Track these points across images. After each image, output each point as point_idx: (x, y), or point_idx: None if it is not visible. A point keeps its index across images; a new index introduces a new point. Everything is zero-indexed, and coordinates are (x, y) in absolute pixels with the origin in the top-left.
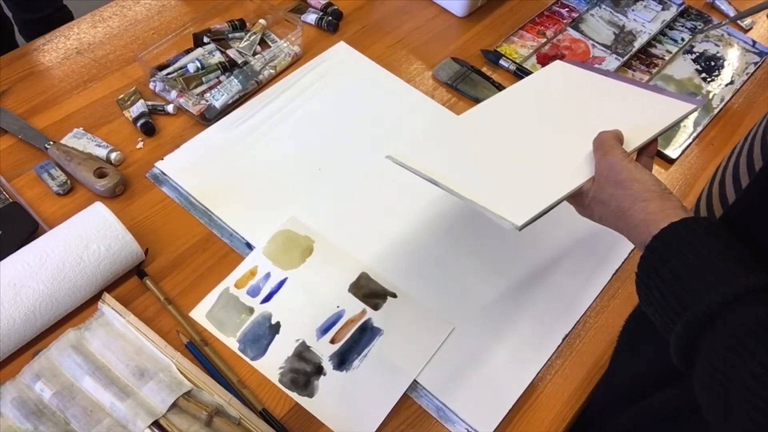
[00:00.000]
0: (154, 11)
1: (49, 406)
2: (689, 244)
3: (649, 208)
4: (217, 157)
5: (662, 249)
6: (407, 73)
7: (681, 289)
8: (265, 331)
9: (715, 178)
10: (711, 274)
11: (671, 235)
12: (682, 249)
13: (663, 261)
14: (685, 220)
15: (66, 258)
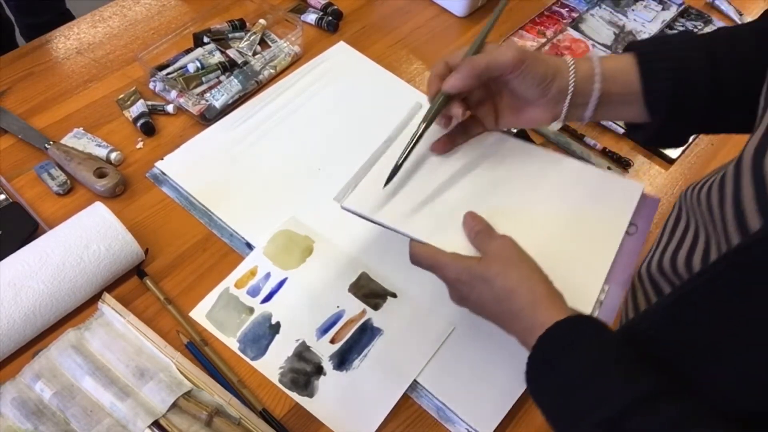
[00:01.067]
0: (154, 11)
1: (49, 406)
2: (578, 346)
3: (535, 290)
4: (217, 157)
5: (552, 351)
6: (407, 73)
7: (571, 400)
8: (265, 331)
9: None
10: (603, 382)
11: (558, 334)
12: (572, 353)
13: (551, 366)
14: (570, 320)
15: (66, 258)
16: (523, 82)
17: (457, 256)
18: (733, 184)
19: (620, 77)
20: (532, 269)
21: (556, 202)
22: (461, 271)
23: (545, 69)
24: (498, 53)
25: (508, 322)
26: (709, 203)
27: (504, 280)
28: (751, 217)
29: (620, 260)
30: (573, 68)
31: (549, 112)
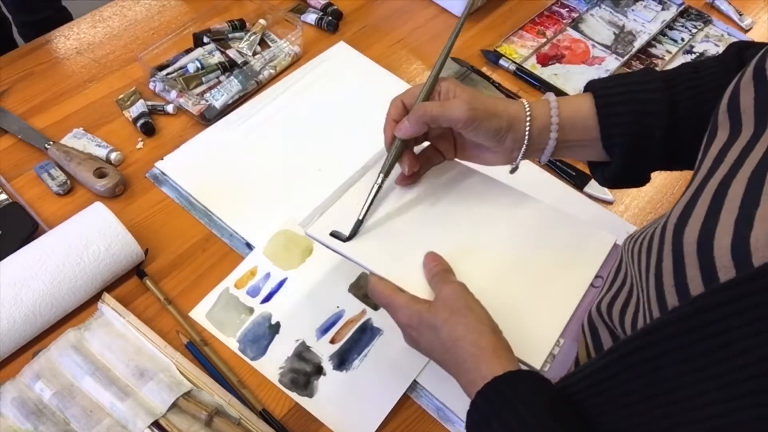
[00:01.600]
0: (154, 11)
1: (49, 406)
2: (511, 405)
3: (480, 342)
4: (217, 157)
5: (485, 409)
6: (407, 73)
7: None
8: (265, 331)
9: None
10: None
11: (498, 390)
12: (504, 412)
13: (486, 423)
14: (511, 375)
15: (66, 258)
16: (476, 136)
17: (411, 299)
18: (657, 251)
19: (578, 124)
20: (479, 320)
21: (524, 246)
22: (412, 315)
23: (498, 124)
24: (450, 108)
25: (454, 371)
26: (639, 265)
27: (450, 329)
28: (668, 291)
29: (579, 313)
30: (529, 118)
31: (505, 157)
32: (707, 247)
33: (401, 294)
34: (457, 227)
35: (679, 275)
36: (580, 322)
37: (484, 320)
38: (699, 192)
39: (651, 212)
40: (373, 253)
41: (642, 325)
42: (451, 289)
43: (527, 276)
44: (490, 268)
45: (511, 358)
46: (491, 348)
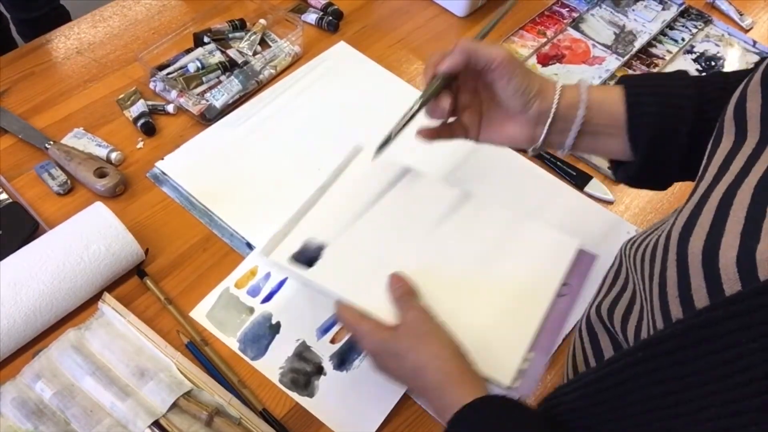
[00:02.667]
0: (155, 11)
1: (50, 406)
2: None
3: (445, 369)
4: (218, 157)
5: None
6: (407, 73)
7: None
8: (266, 331)
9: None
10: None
11: (464, 422)
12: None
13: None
14: (478, 403)
15: (66, 258)
16: (507, 87)
17: (375, 327)
18: (661, 260)
19: (606, 107)
20: (443, 345)
21: (488, 259)
22: (376, 343)
23: (530, 82)
24: (490, 46)
25: (423, 397)
26: (643, 273)
27: (415, 356)
28: (672, 302)
29: (549, 325)
30: (559, 92)
31: (528, 131)
32: (712, 259)
33: (366, 321)
34: (421, 244)
35: (684, 286)
36: (552, 334)
37: (449, 345)
38: (704, 200)
39: (651, 212)
40: (338, 277)
41: (645, 334)
42: (413, 316)
43: (492, 291)
44: (455, 285)
45: (477, 382)
46: (457, 374)
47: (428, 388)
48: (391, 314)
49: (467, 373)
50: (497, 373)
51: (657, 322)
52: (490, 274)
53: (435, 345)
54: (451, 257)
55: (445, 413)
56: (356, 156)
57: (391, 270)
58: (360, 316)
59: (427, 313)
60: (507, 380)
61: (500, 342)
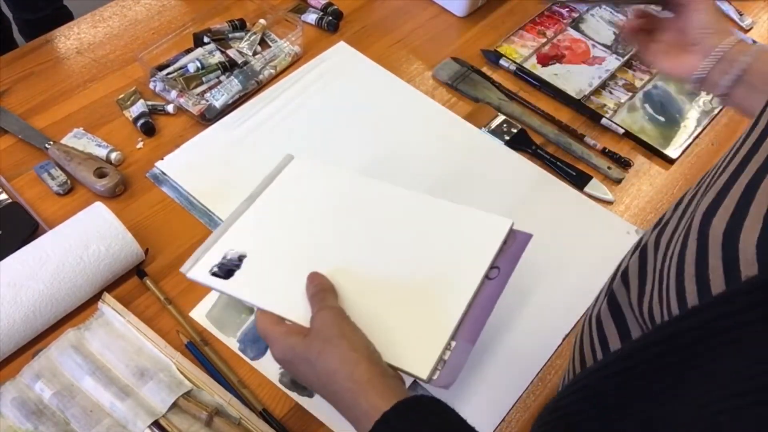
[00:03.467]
0: (154, 11)
1: (49, 406)
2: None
3: (355, 374)
4: (218, 157)
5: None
6: (407, 73)
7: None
8: None
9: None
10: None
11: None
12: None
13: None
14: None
15: (66, 258)
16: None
17: (287, 331)
18: (682, 239)
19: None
20: (353, 348)
21: (413, 248)
22: (286, 349)
23: (718, 19)
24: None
25: (335, 404)
26: (667, 252)
27: (324, 361)
28: (688, 280)
29: (475, 311)
30: (734, 38)
31: (694, 62)
32: (732, 241)
33: (279, 326)
34: (342, 240)
35: (701, 265)
36: (478, 320)
37: (359, 347)
38: (730, 184)
39: (651, 212)
40: (256, 287)
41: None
42: (323, 317)
43: (414, 281)
44: (376, 279)
45: (391, 385)
46: (366, 379)
47: (338, 397)
48: (307, 321)
49: (377, 377)
50: (414, 366)
51: (672, 305)
52: (414, 263)
53: (344, 348)
54: (373, 252)
55: (359, 424)
56: (287, 165)
57: (310, 271)
58: (275, 322)
59: (339, 314)
60: (424, 373)
61: (419, 332)
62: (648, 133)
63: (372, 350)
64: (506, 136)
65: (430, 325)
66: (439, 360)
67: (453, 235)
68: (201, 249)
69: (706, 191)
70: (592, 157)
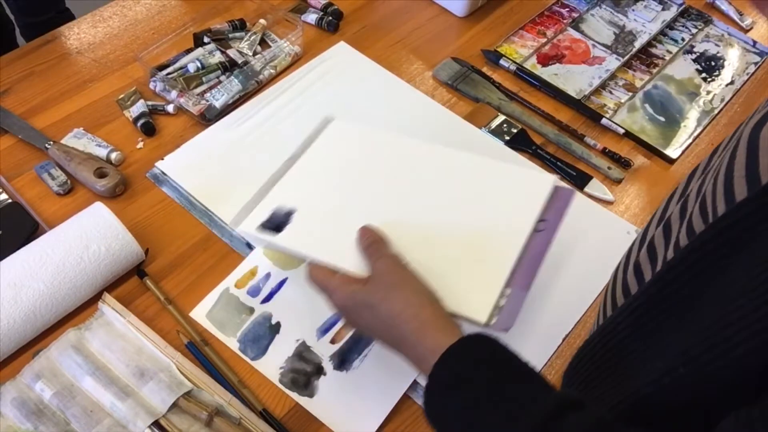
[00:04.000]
0: (154, 11)
1: (50, 406)
2: (474, 370)
3: (420, 316)
4: (218, 157)
5: (447, 379)
6: (407, 73)
7: (477, 424)
8: (266, 331)
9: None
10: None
11: (454, 361)
12: (468, 377)
13: (452, 393)
14: (462, 341)
15: (66, 258)
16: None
17: (344, 280)
18: (729, 153)
19: None
20: (416, 292)
21: (459, 203)
22: (347, 297)
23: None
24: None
25: (398, 348)
26: (707, 175)
27: (388, 305)
28: (738, 183)
29: (526, 260)
30: None
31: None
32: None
33: (335, 276)
34: (390, 196)
35: (752, 166)
36: (530, 269)
37: (422, 291)
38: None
39: (651, 212)
40: (307, 239)
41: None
42: (383, 264)
43: (465, 232)
44: (427, 231)
45: (452, 326)
46: (431, 320)
47: (402, 337)
48: (362, 270)
49: (442, 318)
50: (473, 311)
51: (719, 210)
52: (463, 217)
53: (407, 292)
54: (422, 206)
55: (425, 359)
56: (326, 126)
57: (361, 224)
58: (330, 272)
59: (398, 261)
60: (483, 317)
61: (475, 281)
62: (648, 133)
63: (433, 294)
64: (506, 136)
65: (484, 274)
66: (495, 306)
67: (500, 190)
68: (247, 205)
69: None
70: (592, 157)
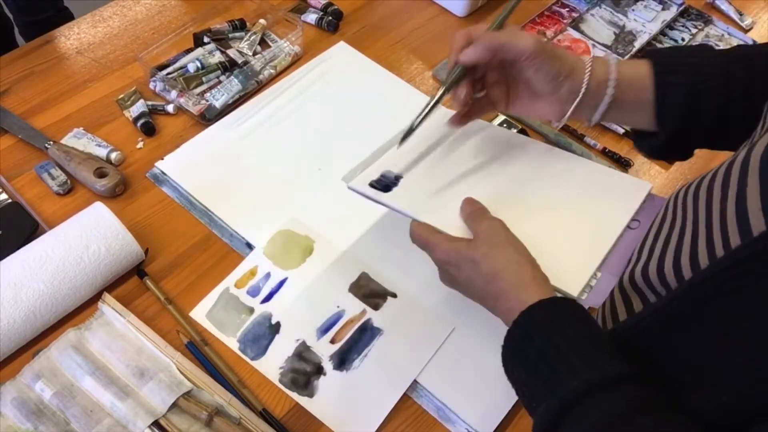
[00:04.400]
0: (154, 11)
1: (49, 406)
2: (555, 324)
3: (520, 273)
4: (217, 157)
5: (530, 326)
6: (407, 73)
7: (544, 371)
8: (265, 331)
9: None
10: (575, 358)
11: (539, 312)
12: (549, 329)
13: (529, 339)
14: (553, 299)
15: (66, 258)
16: (537, 74)
17: (448, 237)
18: (737, 183)
19: (635, 84)
20: (519, 252)
21: (561, 191)
22: (450, 251)
23: (560, 67)
24: (518, 37)
25: (493, 302)
26: (709, 200)
27: (490, 261)
28: (753, 215)
29: (618, 252)
30: (588, 71)
31: (557, 108)
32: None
33: (439, 234)
34: (493, 179)
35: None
36: (620, 260)
37: (523, 253)
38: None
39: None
40: (412, 200)
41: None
42: (489, 225)
43: (564, 217)
44: (527, 211)
45: (549, 288)
46: (531, 278)
47: (500, 291)
48: (463, 234)
49: (540, 278)
50: (567, 284)
51: (730, 239)
52: (563, 205)
53: (510, 251)
54: (523, 189)
55: (514, 312)
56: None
57: (464, 196)
58: (433, 230)
59: (502, 224)
60: (576, 291)
61: (571, 258)
62: None
63: (533, 258)
64: None
65: (581, 254)
66: (587, 284)
67: (602, 189)
68: (358, 166)
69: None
70: (592, 157)
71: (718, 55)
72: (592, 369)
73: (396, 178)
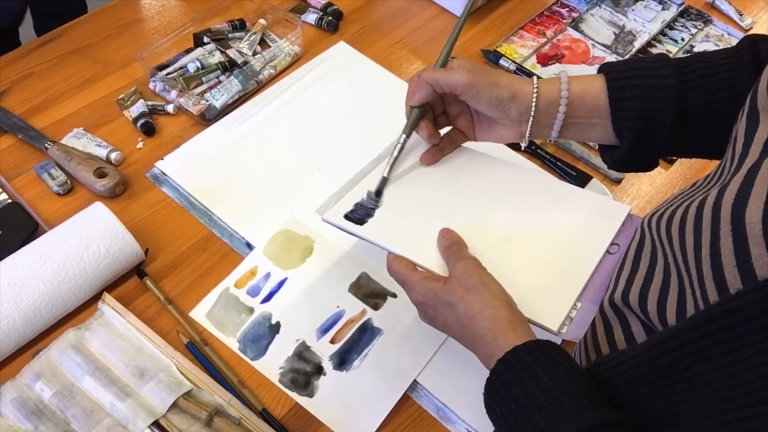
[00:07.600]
0: (154, 11)
1: (49, 406)
2: (531, 372)
3: (497, 317)
4: (217, 157)
5: (507, 375)
6: (407, 73)
7: (523, 423)
8: (265, 331)
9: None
10: (552, 411)
11: (515, 360)
12: (525, 378)
13: (507, 389)
14: (528, 345)
15: (66, 258)
16: (478, 104)
17: (425, 277)
18: (710, 232)
19: (588, 100)
20: (493, 295)
21: (537, 219)
22: (427, 293)
23: (499, 93)
24: (452, 72)
25: (472, 345)
26: (683, 245)
27: (466, 305)
28: (729, 271)
29: (598, 279)
30: (536, 93)
31: (514, 131)
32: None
33: (416, 272)
34: (470, 206)
35: (743, 255)
36: (600, 287)
37: (499, 295)
38: (754, 172)
39: (651, 213)
40: (388, 232)
41: (692, 311)
42: (464, 266)
43: (541, 246)
44: (504, 240)
45: (527, 330)
46: (507, 321)
47: (477, 336)
48: (439, 269)
49: (517, 322)
50: (546, 319)
51: (709, 293)
52: (539, 232)
53: (486, 294)
54: (499, 216)
55: (493, 357)
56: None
57: (441, 227)
58: (410, 266)
59: (478, 264)
60: (555, 325)
61: (549, 291)
62: None
63: (510, 299)
64: None
65: (559, 286)
66: (567, 316)
67: (578, 213)
68: (334, 195)
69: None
70: (592, 157)
71: (673, 64)
72: (569, 422)
73: (372, 208)
